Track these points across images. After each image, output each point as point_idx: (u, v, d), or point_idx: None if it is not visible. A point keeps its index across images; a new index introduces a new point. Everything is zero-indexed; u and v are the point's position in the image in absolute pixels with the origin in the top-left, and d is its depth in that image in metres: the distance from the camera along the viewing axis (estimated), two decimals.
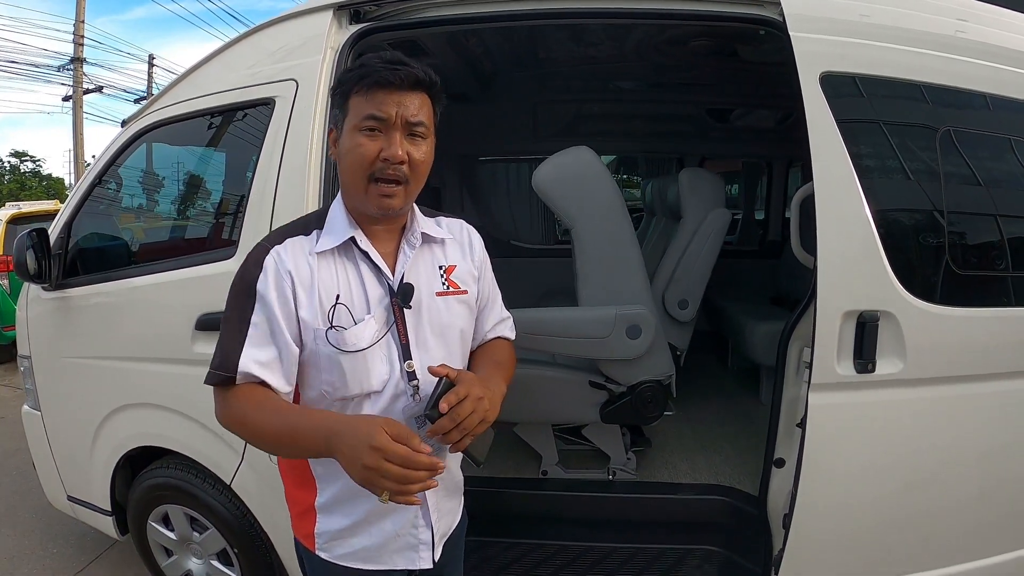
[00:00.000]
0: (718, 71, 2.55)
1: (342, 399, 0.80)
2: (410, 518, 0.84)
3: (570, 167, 1.69)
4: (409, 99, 0.76)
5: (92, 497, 1.78)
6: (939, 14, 1.29)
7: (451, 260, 0.87)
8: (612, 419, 1.79)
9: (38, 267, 1.60)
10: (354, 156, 0.76)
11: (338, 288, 0.79)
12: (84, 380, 1.67)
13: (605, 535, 1.60)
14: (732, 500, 1.67)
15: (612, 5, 1.40)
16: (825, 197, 1.22)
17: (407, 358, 0.80)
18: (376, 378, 0.79)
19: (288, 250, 0.79)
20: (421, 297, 0.82)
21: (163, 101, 1.65)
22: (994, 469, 1.30)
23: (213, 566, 1.65)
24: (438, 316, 0.84)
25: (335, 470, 0.76)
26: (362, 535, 0.83)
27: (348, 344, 0.77)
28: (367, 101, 0.76)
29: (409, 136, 0.78)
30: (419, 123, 0.77)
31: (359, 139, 0.76)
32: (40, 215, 4.86)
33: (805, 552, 1.32)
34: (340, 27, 1.42)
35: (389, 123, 0.76)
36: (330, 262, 0.80)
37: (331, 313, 0.78)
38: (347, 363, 0.78)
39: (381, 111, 0.75)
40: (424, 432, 0.75)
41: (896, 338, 1.22)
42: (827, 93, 1.22)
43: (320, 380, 0.80)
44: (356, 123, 0.76)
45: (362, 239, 0.81)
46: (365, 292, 0.80)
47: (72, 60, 11.31)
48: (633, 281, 1.72)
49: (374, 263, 0.81)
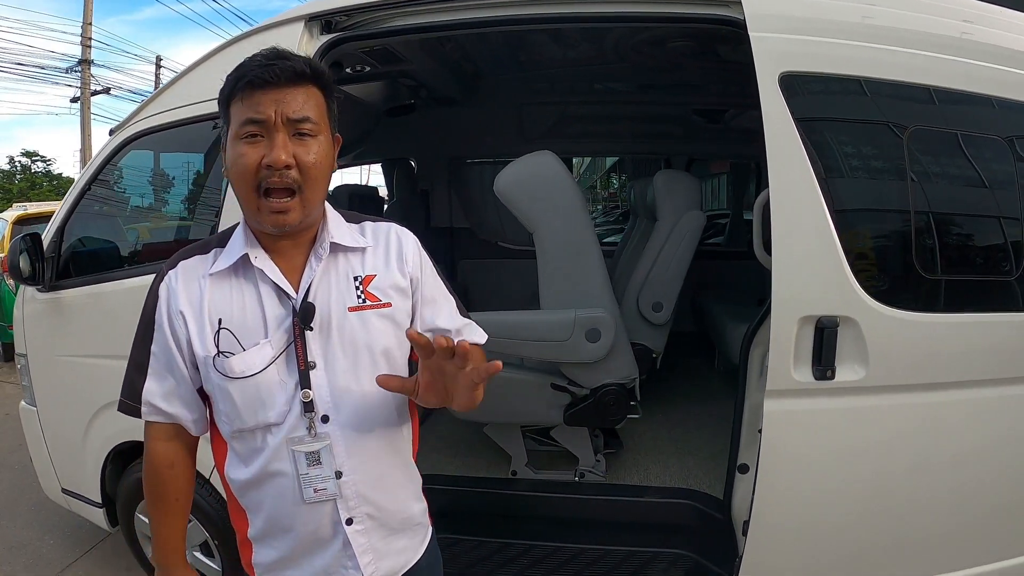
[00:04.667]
0: (700, 72, 2.55)
1: (240, 431, 0.74)
2: (337, 557, 0.77)
3: (531, 172, 1.70)
4: (290, 95, 0.69)
5: (84, 490, 1.85)
6: (905, 9, 1.25)
7: (370, 270, 0.78)
8: (575, 421, 1.80)
9: (32, 269, 1.68)
10: (237, 168, 0.70)
11: (230, 310, 0.73)
12: (76, 377, 1.74)
13: (574, 536, 1.61)
14: (698, 504, 1.66)
15: (576, 10, 1.40)
16: (781, 199, 1.19)
17: (304, 386, 0.72)
18: (272, 410, 0.72)
19: (181, 275, 0.76)
20: (330, 314, 0.74)
21: (148, 110, 1.70)
22: (964, 480, 1.27)
23: (196, 557, 1.71)
24: (351, 334, 0.74)
25: (258, 501, 0.76)
26: (293, 569, 0.78)
27: (236, 371, 0.72)
28: (244, 105, 0.69)
29: (296, 136, 0.70)
30: (303, 119, 0.69)
31: (240, 148, 0.69)
32: (46, 215, 4.96)
33: (764, 559, 1.31)
34: (312, 37, 1.46)
35: (269, 125, 0.68)
36: (225, 283, 0.75)
37: (216, 338, 0.72)
38: (237, 392, 0.72)
39: (258, 113, 0.68)
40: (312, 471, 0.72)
41: (858, 344, 1.19)
42: (786, 93, 1.19)
43: (219, 411, 0.76)
44: (236, 130, 0.70)
45: (258, 256, 0.74)
46: (263, 314, 0.73)
47: (80, 62, 11.50)
48: (593, 284, 1.73)
49: (273, 282, 0.74)
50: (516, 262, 3.23)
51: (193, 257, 0.78)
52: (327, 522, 0.76)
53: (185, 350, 0.75)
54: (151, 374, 0.77)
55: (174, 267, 0.77)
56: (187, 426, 0.79)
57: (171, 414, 0.78)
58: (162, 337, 0.76)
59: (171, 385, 0.76)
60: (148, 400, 0.77)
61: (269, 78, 0.68)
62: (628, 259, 2.53)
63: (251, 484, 0.77)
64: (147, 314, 0.77)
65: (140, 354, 0.78)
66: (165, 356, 0.76)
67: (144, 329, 0.77)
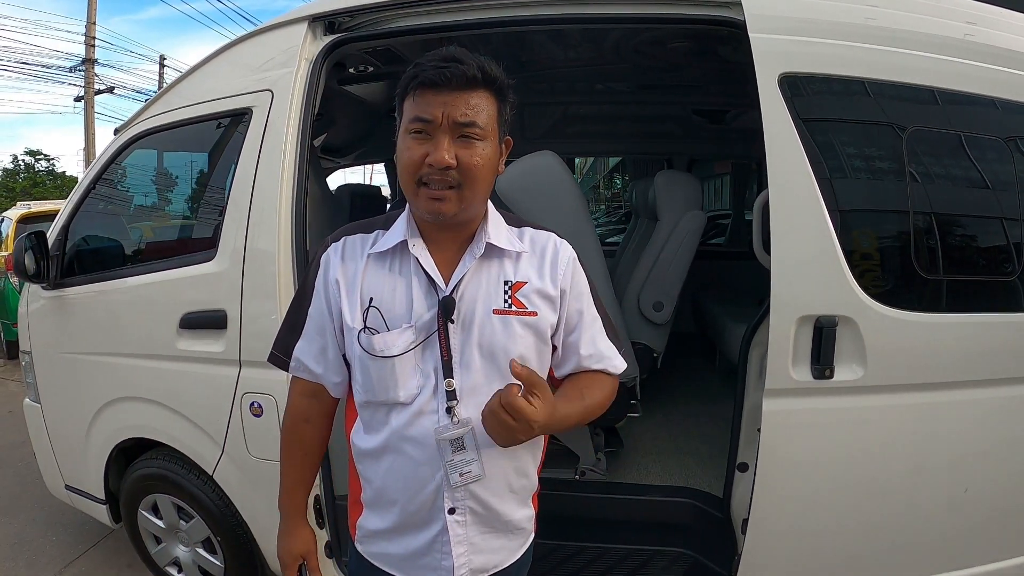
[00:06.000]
0: (701, 72, 2.56)
1: (370, 403, 0.79)
2: (433, 542, 0.80)
3: (532, 172, 1.72)
4: (459, 99, 0.71)
5: (88, 486, 1.86)
6: (904, 10, 1.25)
7: (522, 276, 0.78)
8: None
9: (36, 267, 1.69)
10: (402, 160, 0.74)
11: (381, 291, 0.77)
12: (80, 374, 1.75)
13: (574, 534, 1.62)
14: (698, 502, 1.67)
15: (578, 11, 1.41)
16: (780, 199, 1.20)
17: (447, 375, 0.75)
18: (403, 390, 0.76)
19: (342, 249, 0.80)
20: (474, 313, 0.76)
21: (152, 110, 1.72)
22: (963, 479, 1.27)
23: (199, 553, 1.73)
24: (490, 335, 0.76)
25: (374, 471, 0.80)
26: (393, 542, 0.82)
27: (376, 349, 0.75)
28: (415, 103, 0.73)
29: (461, 139, 0.72)
30: (470, 123, 0.72)
31: (407, 142, 0.73)
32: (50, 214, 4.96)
33: (762, 557, 1.32)
34: (315, 38, 1.47)
35: (435, 125, 0.71)
36: (383, 264, 0.79)
37: (365, 315, 0.77)
38: (374, 368, 0.76)
39: (426, 113, 0.71)
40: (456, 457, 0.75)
41: (856, 344, 1.20)
42: (786, 94, 1.20)
43: (356, 379, 0.80)
44: (406, 125, 0.74)
45: (416, 244, 0.77)
46: (411, 299, 0.77)
47: (84, 61, 11.53)
48: (595, 283, 1.74)
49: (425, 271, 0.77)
50: None
51: (357, 235, 0.82)
52: (431, 507, 0.79)
53: (336, 317, 0.80)
54: (304, 335, 0.82)
55: (338, 240, 0.82)
56: (329, 387, 0.84)
57: (317, 373, 0.83)
58: (318, 302, 0.81)
59: (320, 347, 0.82)
60: (298, 357, 0.83)
61: (440, 81, 0.71)
62: (629, 259, 2.53)
63: (370, 454, 0.81)
64: (308, 280, 0.82)
65: (295, 315, 0.84)
66: (319, 320, 0.81)
67: (301, 293, 0.83)
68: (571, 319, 0.82)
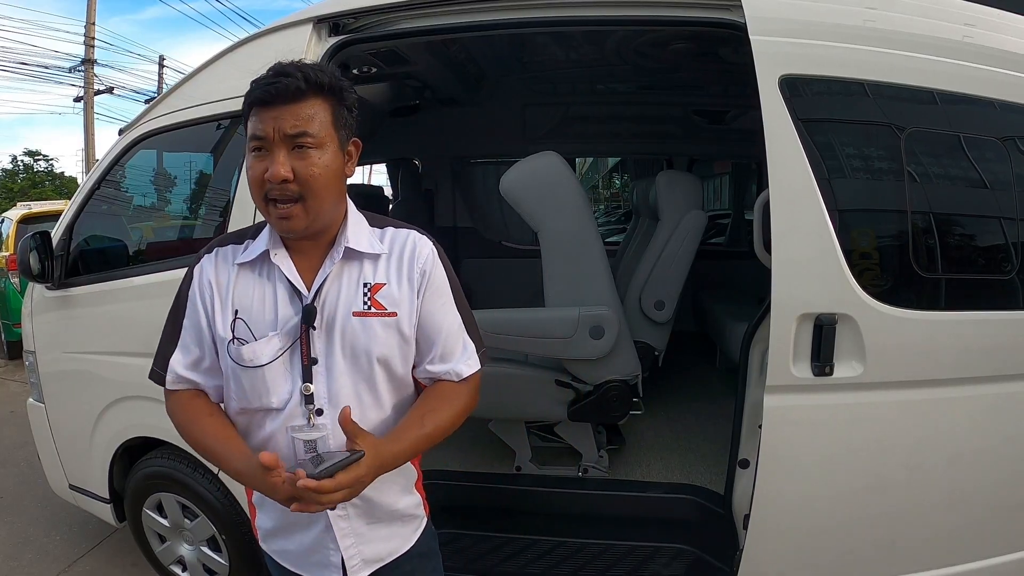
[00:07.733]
0: (701, 73, 2.58)
1: (244, 410, 0.81)
2: (320, 537, 0.83)
3: (536, 172, 1.73)
4: (287, 112, 0.73)
5: (92, 486, 1.87)
6: (903, 12, 1.27)
7: (381, 278, 0.80)
8: (578, 417, 1.82)
9: (41, 267, 1.70)
10: (248, 178, 0.76)
11: (251, 300, 0.79)
12: (84, 374, 1.76)
13: (576, 531, 1.63)
14: (700, 499, 1.68)
15: (579, 13, 1.42)
16: (781, 199, 1.21)
17: (306, 380, 0.77)
18: (275, 396, 0.78)
19: (214, 260, 0.82)
20: (335, 316, 0.78)
21: (157, 111, 1.73)
22: (962, 475, 1.29)
23: (203, 552, 1.73)
24: (352, 338, 0.78)
25: None
26: (285, 539, 0.86)
27: (245, 359, 0.77)
28: (251, 122, 0.75)
29: (296, 150, 0.74)
30: (300, 134, 0.73)
31: (249, 160, 0.76)
32: (51, 215, 4.97)
33: (764, 553, 1.33)
34: (320, 39, 1.48)
35: (269, 141, 0.73)
36: (251, 274, 0.80)
37: (232, 326, 0.78)
38: (246, 378, 0.78)
39: (259, 130, 0.74)
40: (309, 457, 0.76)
41: (855, 341, 1.21)
42: (786, 95, 1.21)
43: (228, 388, 0.81)
44: (247, 145, 0.76)
45: (278, 254, 0.79)
46: (276, 308, 0.79)
47: (83, 61, 11.52)
48: (597, 282, 1.75)
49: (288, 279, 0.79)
50: (519, 261, 3.26)
51: (228, 245, 0.84)
52: None
53: (209, 328, 0.81)
54: (180, 346, 0.83)
55: (210, 252, 0.84)
56: (208, 392, 0.85)
57: (195, 382, 0.83)
58: (193, 312, 0.82)
59: (196, 356, 0.82)
60: (173, 368, 0.83)
61: (268, 97, 0.73)
62: (631, 258, 2.55)
63: None
64: (181, 291, 0.84)
65: (172, 327, 0.84)
66: (195, 330, 0.82)
67: (177, 305, 0.84)
68: (425, 317, 0.82)
